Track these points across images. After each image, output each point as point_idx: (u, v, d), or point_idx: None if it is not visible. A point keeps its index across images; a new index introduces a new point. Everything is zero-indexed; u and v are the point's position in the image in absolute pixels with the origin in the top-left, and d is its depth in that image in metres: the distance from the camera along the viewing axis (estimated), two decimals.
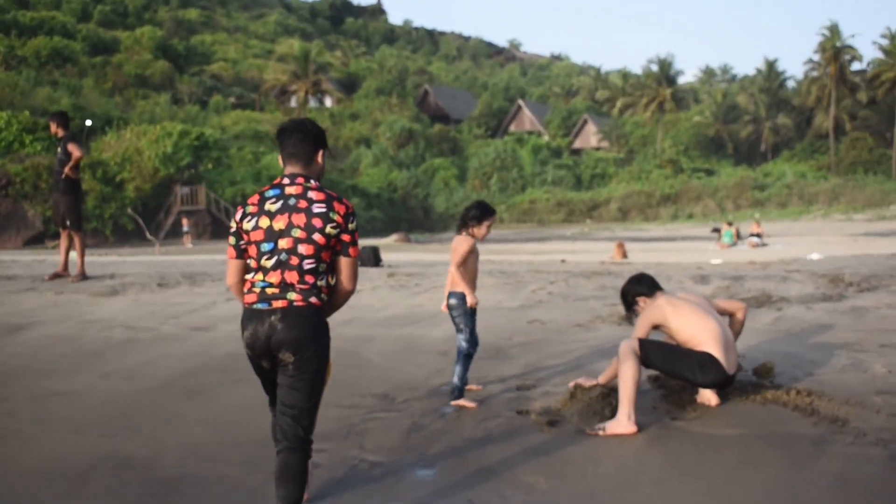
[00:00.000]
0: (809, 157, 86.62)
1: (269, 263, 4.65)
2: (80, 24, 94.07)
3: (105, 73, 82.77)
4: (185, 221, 54.75)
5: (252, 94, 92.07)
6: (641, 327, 6.35)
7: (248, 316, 4.70)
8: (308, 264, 4.64)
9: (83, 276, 13.25)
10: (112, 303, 11.38)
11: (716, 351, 6.03)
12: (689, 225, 63.48)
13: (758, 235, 33.36)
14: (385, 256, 23.70)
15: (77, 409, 6.68)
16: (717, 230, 37.33)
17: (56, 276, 13.42)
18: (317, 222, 4.63)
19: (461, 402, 6.63)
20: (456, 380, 6.71)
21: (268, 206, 4.70)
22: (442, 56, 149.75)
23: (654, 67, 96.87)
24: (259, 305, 4.64)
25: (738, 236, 34.82)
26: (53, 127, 13.10)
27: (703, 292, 11.19)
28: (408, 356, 8.15)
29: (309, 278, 4.65)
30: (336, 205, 4.71)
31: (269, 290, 4.63)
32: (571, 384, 6.70)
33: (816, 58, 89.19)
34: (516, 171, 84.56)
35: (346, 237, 4.74)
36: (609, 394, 6.30)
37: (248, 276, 4.76)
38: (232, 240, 4.82)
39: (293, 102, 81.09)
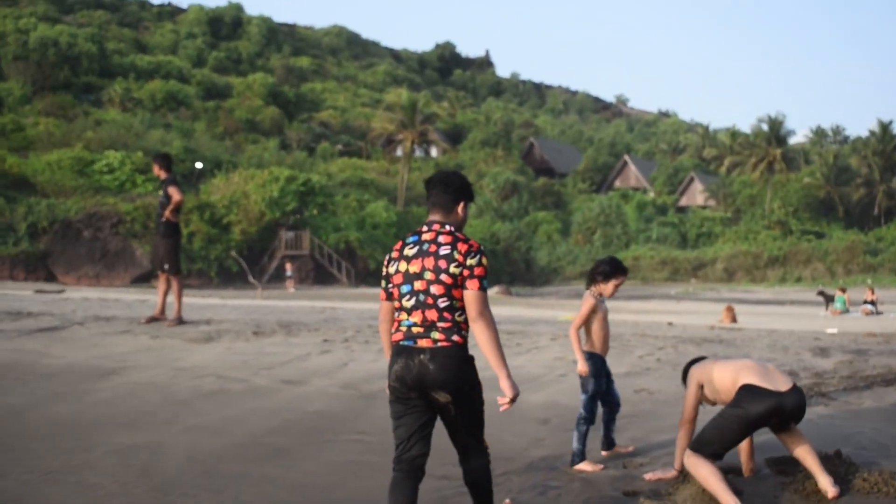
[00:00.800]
0: None
1: (409, 304, 5.06)
2: (194, 69, 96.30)
3: (217, 118, 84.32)
4: (288, 266, 55.12)
5: (359, 143, 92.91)
6: (690, 392, 6.26)
7: (396, 352, 5.07)
8: (442, 302, 5.01)
9: (180, 321, 13.13)
10: (206, 350, 11.19)
11: (752, 379, 5.81)
12: (797, 289, 61.85)
13: (872, 303, 32.10)
14: (495, 310, 23.41)
15: (159, 465, 6.40)
16: (822, 293, 36.06)
17: (153, 319, 13.33)
18: (442, 264, 5.02)
19: (582, 466, 6.41)
20: (575, 444, 6.51)
21: (406, 251, 5.16)
22: (548, 110, 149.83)
23: (764, 126, 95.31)
24: (406, 343, 5.03)
25: (850, 303, 33.64)
26: (156, 169, 13.08)
27: (824, 367, 10.55)
28: (505, 423, 7.69)
29: (447, 315, 5.01)
30: (460, 245, 5.08)
31: (414, 329, 5.02)
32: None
33: None
34: (620, 227, 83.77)
35: (465, 272, 5.02)
36: (727, 479, 5.78)
37: (396, 316, 5.15)
38: (382, 283, 5.29)
39: (399, 151, 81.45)
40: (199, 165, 63.32)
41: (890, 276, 67.99)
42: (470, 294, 5.00)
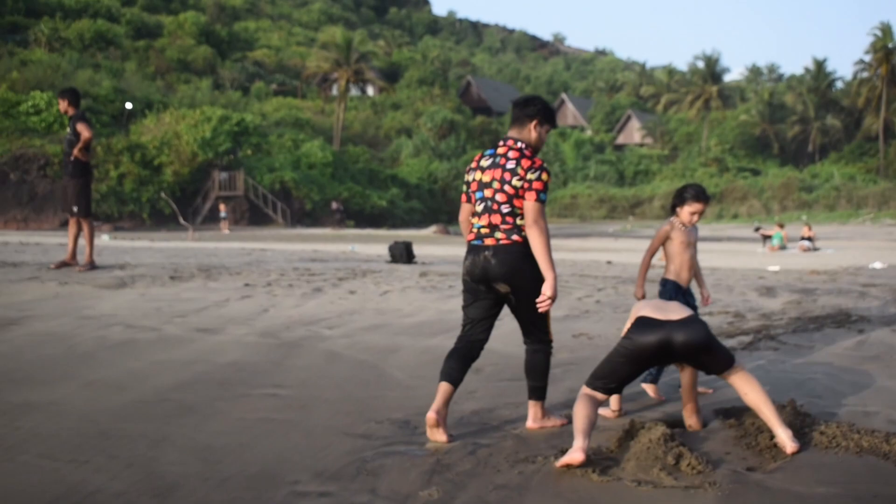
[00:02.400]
0: (858, 159, 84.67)
1: (479, 209, 5.75)
2: (124, 8, 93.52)
3: (147, 58, 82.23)
4: (222, 207, 54.23)
5: (294, 82, 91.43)
6: None
7: (468, 250, 5.83)
8: (505, 209, 5.66)
9: (91, 266, 12.39)
10: (117, 296, 10.48)
11: (645, 311, 5.49)
12: (734, 225, 62.04)
13: (809, 239, 32.04)
14: (422, 250, 22.78)
15: (51, 427, 5.74)
16: (758, 230, 36.02)
17: (63, 264, 12.54)
18: (507, 176, 5.66)
19: (646, 387, 6.70)
20: None
21: (482, 162, 5.83)
22: (485, 48, 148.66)
23: (700, 64, 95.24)
24: (475, 242, 5.75)
25: (787, 239, 33.56)
26: (64, 104, 12.25)
27: (771, 308, 10.09)
28: (435, 373, 7.10)
29: (509, 219, 5.66)
30: (524, 161, 5.68)
31: (482, 231, 5.71)
32: (611, 413, 6.10)
33: (867, 58, 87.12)
34: (558, 165, 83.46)
35: (525, 185, 5.62)
36: (674, 435, 5.26)
37: (472, 219, 5.82)
38: (464, 187, 5.94)
39: (335, 90, 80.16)
40: (128, 106, 61.74)
41: (824, 211, 68.53)
42: (527, 205, 5.59)
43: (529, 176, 5.61)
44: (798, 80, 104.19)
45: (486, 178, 5.72)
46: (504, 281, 5.67)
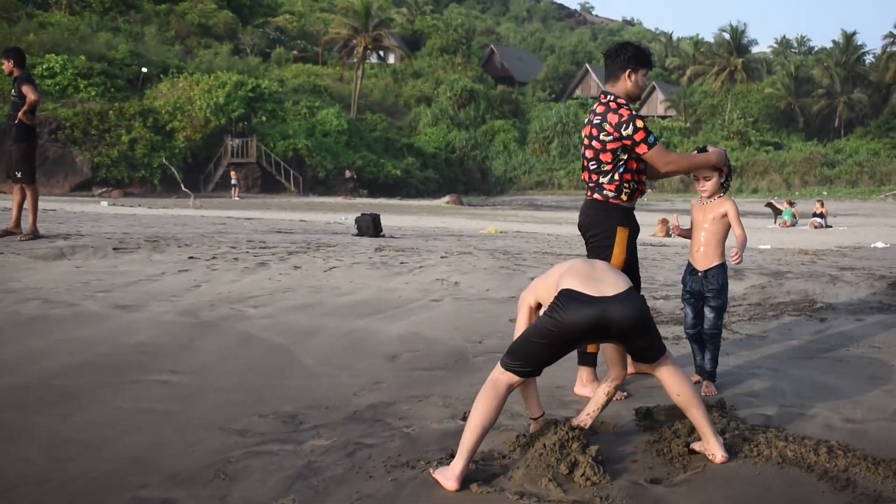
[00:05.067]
0: (884, 135, 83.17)
1: (581, 165, 5.92)
2: None
3: (168, 22, 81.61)
4: (233, 174, 53.94)
5: (315, 49, 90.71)
6: (519, 318, 5.14)
7: None
8: (591, 165, 5.76)
9: (34, 235, 11.92)
10: (50, 268, 10.01)
11: (572, 282, 4.56)
12: (752, 199, 61.11)
13: (821, 216, 31.36)
14: (428, 221, 22.33)
15: None
16: (771, 205, 35.33)
17: (6, 233, 12.06)
18: (594, 132, 5.67)
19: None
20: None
21: (587, 119, 5.80)
22: (511, 17, 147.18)
23: (726, 36, 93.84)
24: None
25: (800, 216, 32.91)
26: (8, 66, 11.73)
27: (734, 293, 9.48)
28: (349, 359, 6.67)
29: (594, 176, 5.76)
30: (609, 116, 5.62)
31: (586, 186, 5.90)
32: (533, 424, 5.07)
33: None
34: (578, 136, 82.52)
35: (627, 142, 5.62)
36: (572, 439, 4.72)
37: None
38: None
39: (355, 58, 79.46)
40: (144, 70, 61.33)
41: (846, 188, 67.53)
42: (648, 157, 5.66)
43: (625, 132, 5.57)
44: (826, 53, 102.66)
45: (584, 133, 5.82)
46: (581, 230, 5.95)
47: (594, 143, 5.66)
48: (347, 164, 60.52)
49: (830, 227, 30.60)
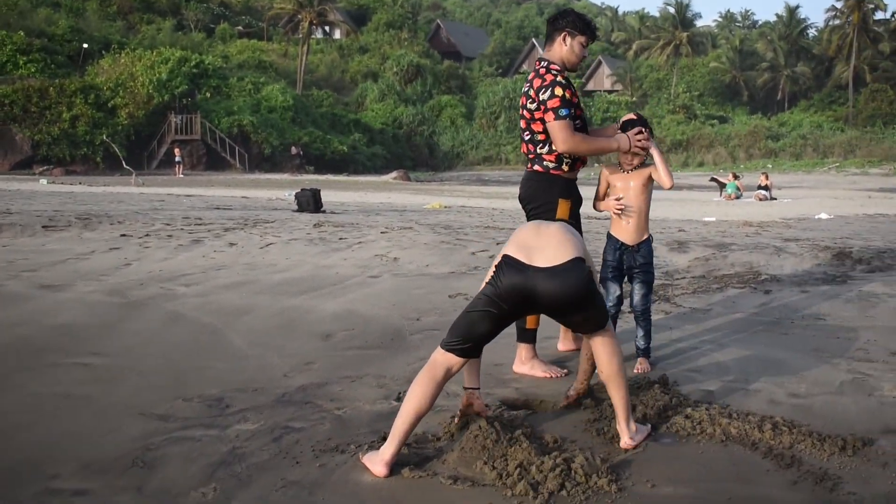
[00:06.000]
0: (827, 107, 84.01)
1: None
2: None
3: None
4: (177, 151, 53.31)
5: (261, 24, 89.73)
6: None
7: None
8: (526, 136, 5.62)
9: None
10: None
11: (510, 249, 4.38)
12: (698, 173, 61.38)
13: (765, 188, 31.47)
14: (373, 197, 22.05)
15: None
16: (715, 179, 35.51)
17: None
18: (523, 100, 5.56)
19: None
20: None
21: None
22: None
23: (671, 10, 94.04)
24: None
25: (744, 188, 33.04)
26: None
27: (677, 265, 9.38)
28: (281, 339, 6.44)
29: (531, 147, 5.60)
30: (535, 80, 5.48)
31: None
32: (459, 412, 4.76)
33: (839, 5, 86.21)
34: None
35: (542, 107, 5.40)
36: (514, 420, 4.52)
37: None
38: None
39: (300, 33, 78.68)
40: (85, 46, 60.29)
41: (791, 160, 68.06)
42: (550, 126, 5.39)
43: (542, 96, 5.38)
44: (770, 27, 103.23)
45: (520, 104, 5.63)
46: (522, 204, 5.78)
47: (524, 111, 5.53)
48: (293, 141, 59.95)
49: (775, 199, 30.70)
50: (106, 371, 5.63)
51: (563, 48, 5.58)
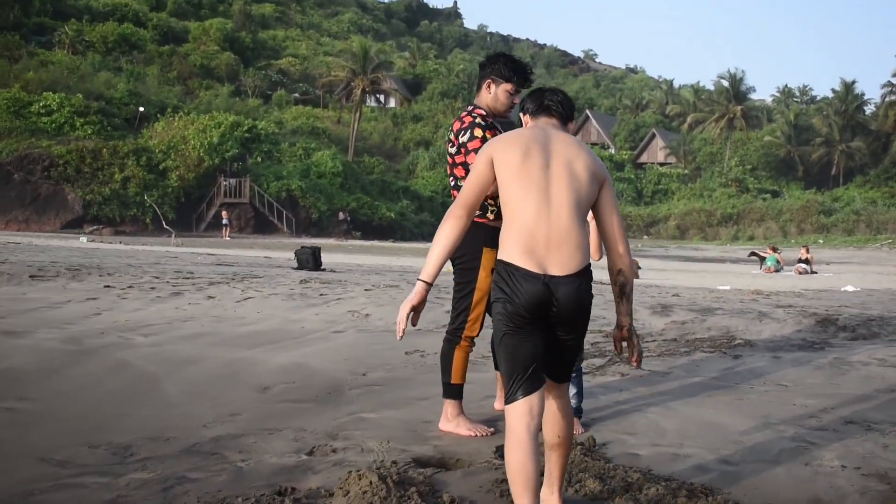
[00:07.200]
0: (883, 183, 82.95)
1: None
2: (151, 13, 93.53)
3: (171, 63, 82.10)
4: (224, 214, 53.85)
5: (317, 92, 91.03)
6: None
7: None
8: (451, 181, 5.51)
9: None
10: None
11: (512, 255, 3.87)
12: (748, 247, 60.85)
13: (805, 261, 31.04)
14: (398, 261, 21.95)
15: None
16: (755, 254, 35.10)
17: None
18: (447, 146, 5.46)
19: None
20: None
21: None
22: None
23: (725, 83, 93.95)
24: None
25: (784, 262, 32.61)
26: None
27: (653, 328, 9.22)
28: (218, 389, 6.37)
29: (455, 194, 5.27)
30: (454, 124, 5.47)
31: None
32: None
33: (895, 81, 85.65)
34: None
35: (462, 150, 5.34)
36: (411, 478, 4.38)
37: None
38: None
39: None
40: (141, 109, 61.43)
41: (842, 235, 67.20)
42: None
43: (462, 138, 5.33)
44: (827, 102, 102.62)
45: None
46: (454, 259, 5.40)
47: (447, 157, 5.49)
48: (341, 206, 60.34)
49: (815, 272, 30.28)
50: (27, 415, 5.58)
51: (488, 95, 5.50)
